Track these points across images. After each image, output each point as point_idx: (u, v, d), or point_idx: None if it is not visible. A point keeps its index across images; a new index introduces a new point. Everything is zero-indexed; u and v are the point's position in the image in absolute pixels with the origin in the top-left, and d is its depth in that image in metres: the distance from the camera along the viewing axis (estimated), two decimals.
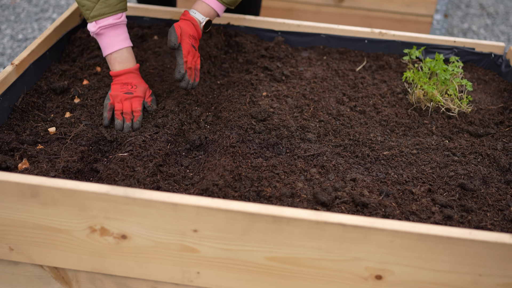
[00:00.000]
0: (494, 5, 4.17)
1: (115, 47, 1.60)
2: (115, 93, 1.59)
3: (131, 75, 1.62)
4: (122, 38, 1.62)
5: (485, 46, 2.00)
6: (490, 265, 1.09)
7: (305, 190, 1.37)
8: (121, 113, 1.58)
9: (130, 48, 1.64)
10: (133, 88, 1.60)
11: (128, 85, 1.60)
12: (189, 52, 1.58)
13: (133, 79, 1.62)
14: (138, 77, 1.64)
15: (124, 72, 1.61)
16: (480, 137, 1.66)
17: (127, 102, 1.58)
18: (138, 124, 1.57)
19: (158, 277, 1.23)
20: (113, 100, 1.59)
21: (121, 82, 1.61)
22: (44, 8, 3.73)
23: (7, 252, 1.25)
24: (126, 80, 1.61)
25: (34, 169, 1.38)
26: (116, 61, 1.62)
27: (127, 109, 1.58)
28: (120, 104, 1.58)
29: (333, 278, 1.15)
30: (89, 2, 1.56)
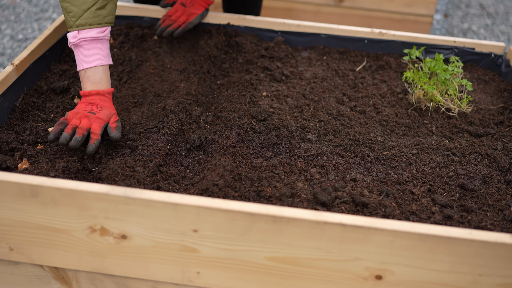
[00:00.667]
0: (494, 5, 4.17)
1: (91, 63, 1.46)
2: (76, 110, 1.42)
3: (100, 97, 1.47)
4: (101, 55, 1.48)
5: (485, 46, 2.00)
6: (490, 265, 1.09)
7: (305, 190, 1.37)
8: (73, 128, 1.37)
9: (107, 68, 1.50)
10: (97, 109, 1.43)
11: (93, 105, 1.44)
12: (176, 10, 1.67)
13: (101, 101, 1.46)
14: (107, 101, 1.48)
15: (93, 93, 1.46)
16: (480, 137, 1.66)
17: (85, 120, 1.39)
18: (93, 148, 1.36)
19: (158, 277, 1.23)
20: (70, 116, 1.41)
21: (87, 102, 1.45)
22: (44, 8, 3.73)
23: (7, 252, 1.25)
24: (93, 101, 1.45)
25: (34, 169, 1.38)
26: (89, 80, 1.47)
27: (84, 125, 1.38)
28: (77, 121, 1.39)
29: (333, 278, 1.15)
30: (76, 8, 1.44)
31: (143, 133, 1.54)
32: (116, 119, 1.47)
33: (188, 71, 1.84)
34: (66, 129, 1.37)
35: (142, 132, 1.55)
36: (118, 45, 1.98)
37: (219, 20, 2.06)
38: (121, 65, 1.87)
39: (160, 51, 1.96)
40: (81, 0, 1.43)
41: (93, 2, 1.44)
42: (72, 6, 1.44)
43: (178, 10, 1.67)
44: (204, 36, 1.99)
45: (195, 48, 1.96)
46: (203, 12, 1.71)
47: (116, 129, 1.44)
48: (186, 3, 1.66)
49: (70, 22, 1.45)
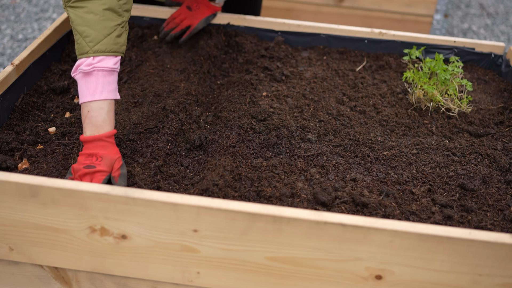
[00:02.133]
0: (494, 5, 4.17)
1: (100, 95, 1.35)
2: (76, 167, 1.34)
3: (100, 144, 1.36)
4: (112, 88, 1.37)
5: (485, 46, 2.00)
6: (490, 265, 1.09)
7: (305, 190, 1.37)
8: None
9: (113, 104, 1.39)
10: (97, 160, 1.34)
11: (93, 157, 1.34)
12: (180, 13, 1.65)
13: (101, 149, 1.36)
14: (108, 147, 1.37)
15: (92, 139, 1.35)
16: (480, 137, 1.66)
17: (86, 178, 1.33)
18: None
19: (158, 277, 1.23)
20: (74, 173, 1.35)
21: (86, 153, 1.36)
22: (44, 8, 3.73)
23: (7, 252, 1.25)
24: (93, 150, 1.35)
25: (34, 169, 1.38)
26: (91, 122, 1.35)
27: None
28: (78, 179, 1.33)
29: (333, 278, 1.15)
30: (96, 33, 1.33)
31: (143, 133, 1.54)
32: (119, 166, 1.36)
33: (188, 71, 1.84)
34: None
35: (142, 132, 1.55)
36: None
37: (219, 20, 2.06)
38: (121, 65, 1.87)
39: (160, 51, 1.96)
40: (103, 25, 1.33)
41: (114, 28, 1.35)
42: (90, 30, 1.33)
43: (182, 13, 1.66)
44: (204, 36, 1.99)
45: (195, 48, 1.96)
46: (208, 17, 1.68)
47: (120, 178, 1.34)
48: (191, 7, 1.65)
49: (86, 47, 1.33)
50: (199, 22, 1.68)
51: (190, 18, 1.64)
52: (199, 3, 1.67)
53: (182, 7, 1.68)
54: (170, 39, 1.62)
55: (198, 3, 1.66)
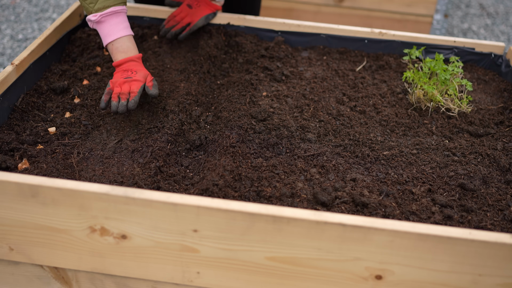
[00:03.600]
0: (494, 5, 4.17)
1: (116, 35, 1.60)
2: (115, 80, 1.59)
3: (132, 63, 1.62)
4: (123, 27, 1.61)
5: (485, 46, 2.00)
6: (490, 265, 1.09)
7: (305, 190, 1.37)
8: (118, 95, 1.55)
9: (131, 37, 1.64)
10: (133, 73, 1.59)
11: (128, 71, 1.60)
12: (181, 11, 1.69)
13: (134, 66, 1.61)
14: (139, 65, 1.63)
15: (125, 60, 1.61)
16: (480, 137, 1.66)
17: (125, 85, 1.57)
18: (133, 104, 1.52)
19: (158, 277, 1.23)
20: (112, 86, 1.58)
21: (121, 70, 1.61)
22: (44, 8, 3.73)
23: (7, 252, 1.25)
24: (127, 68, 1.61)
25: (34, 169, 1.38)
26: (118, 51, 1.61)
27: (125, 90, 1.56)
28: (118, 88, 1.56)
29: (333, 278, 1.15)
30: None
31: (143, 133, 1.54)
32: (151, 79, 1.61)
33: (188, 71, 1.84)
34: (112, 97, 1.54)
35: (142, 132, 1.55)
36: None
37: (219, 20, 2.06)
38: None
39: (160, 51, 1.96)
40: None
41: None
42: None
43: (183, 11, 1.71)
44: (204, 36, 1.99)
45: (195, 48, 1.96)
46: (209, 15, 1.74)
47: (153, 87, 1.59)
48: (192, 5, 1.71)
49: (89, 8, 1.57)
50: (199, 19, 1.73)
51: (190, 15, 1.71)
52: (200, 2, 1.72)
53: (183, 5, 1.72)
54: (170, 36, 1.68)
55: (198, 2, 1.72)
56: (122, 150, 1.49)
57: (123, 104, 1.52)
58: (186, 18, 1.71)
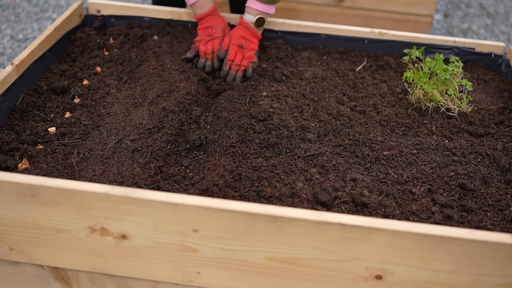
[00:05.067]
0: (494, 5, 4.17)
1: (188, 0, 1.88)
2: (200, 38, 1.90)
3: (211, 17, 1.90)
4: None
5: (485, 46, 2.00)
6: (490, 265, 1.09)
7: (305, 190, 1.37)
8: (204, 54, 1.87)
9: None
10: (213, 30, 1.89)
11: (209, 28, 1.89)
12: (236, 53, 1.84)
13: (213, 21, 1.90)
14: (216, 18, 1.91)
15: (204, 15, 1.90)
16: (480, 137, 1.66)
17: (209, 44, 1.87)
18: (217, 64, 1.86)
19: (158, 277, 1.23)
20: (198, 44, 1.89)
21: (203, 27, 1.91)
22: (44, 8, 3.73)
23: (7, 252, 1.25)
24: (207, 23, 1.90)
25: (34, 169, 1.38)
26: (196, 7, 1.90)
27: (209, 49, 1.86)
28: (204, 47, 1.87)
29: (333, 278, 1.15)
30: None
31: (143, 133, 1.54)
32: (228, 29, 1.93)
33: (188, 71, 1.84)
34: (201, 56, 1.88)
35: (142, 132, 1.55)
36: (118, 45, 1.98)
37: None
38: (121, 65, 1.87)
39: (160, 51, 1.96)
40: None
41: None
42: None
43: (237, 53, 1.83)
44: None
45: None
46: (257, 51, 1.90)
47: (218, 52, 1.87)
48: (242, 44, 1.84)
49: None
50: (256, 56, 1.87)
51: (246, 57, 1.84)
52: (248, 40, 1.85)
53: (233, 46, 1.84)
54: (239, 80, 1.82)
55: (247, 40, 1.85)
56: (122, 150, 1.49)
57: (209, 64, 1.86)
58: (244, 61, 1.83)
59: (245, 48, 1.84)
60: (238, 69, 1.83)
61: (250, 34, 1.86)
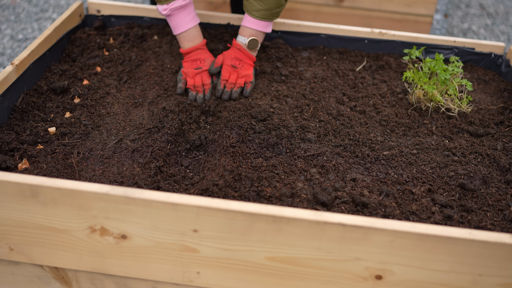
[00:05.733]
0: (494, 5, 4.17)
1: (184, 27, 1.76)
2: (186, 70, 1.78)
3: (199, 51, 1.80)
4: (190, 18, 1.75)
5: (485, 46, 2.00)
6: (490, 265, 1.09)
7: (305, 190, 1.37)
8: (193, 87, 1.75)
9: (197, 26, 1.79)
10: (201, 63, 1.79)
11: (197, 61, 1.79)
12: (230, 73, 1.77)
13: (201, 55, 1.80)
14: (205, 52, 1.82)
15: (192, 49, 1.79)
16: (480, 137, 1.66)
17: (197, 77, 1.77)
18: (209, 95, 1.74)
19: (158, 277, 1.23)
20: (185, 76, 1.77)
21: (190, 59, 1.79)
22: (44, 8, 3.73)
23: (7, 252, 1.25)
24: (195, 57, 1.79)
25: (34, 169, 1.38)
26: (185, 40, 1.78)
27: (198, 83, 1.75)
28: (192, 80, 1.76)
29: (333, 278, 1.15)
30: None
31: (143, 133, 1.54)
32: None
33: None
34: (190, 88, 1.75)
35: (142, 132, 1.55)
36: (118, 45, 1.98)
37: (219, 20, 2.06)
38: (121, 65, 1.87)
39: (160, 51, 1.96)
40: None
41: None
42: None
43: (231, 73, 1.77)
44: (204, 36, 1.98)
45: None
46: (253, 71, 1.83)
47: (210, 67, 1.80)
48: (236, 65, 1.78)
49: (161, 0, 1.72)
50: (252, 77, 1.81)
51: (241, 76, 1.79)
52: (241, 61, 1.80)
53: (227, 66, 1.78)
54: (236, 96, 1.75)
55: (240, 61, 1.80)
56: (122, 150, 1.49)
57: (200, 97, 1.73)
58: (239, 80, 1.77)
59: (238, 68, 1.78)
60: (233, 87, 1.75)
61: (243, 55, 1.80)
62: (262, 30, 1.78)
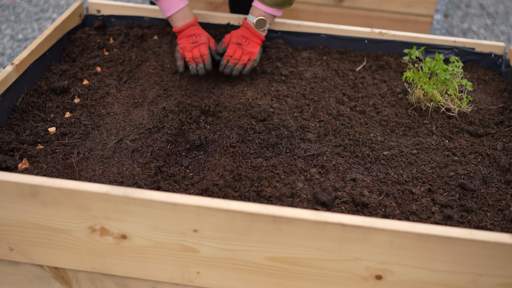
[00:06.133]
0: (494, 5, 4.17)
1: (175, 8, 1.79)
2: (183, 46, 1.81)
3: (193, 27, 1.83)
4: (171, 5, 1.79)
5: (485, 46, 2.00)
6: (490, 265, 1.09)
7: (305, 190, 1.37)
8: (193, 59, 1.77)
9: (188, 4, 1.83)
10: (197, 37, 1.82)
11: (192, 36, 1.82)
12: (235, 50, 1.80)
13: (196, 30, 1.83)
14: (199, 28, 1.85)
15: (186, 26, 1.82)
16: (480, 137, 1.66)
17: (195, 50, 1.79)
18: (209, 65, 1.76)
19: (158, 277, 1.23)
20: (182, 51, 1.80)
21: (186, 36, 1.82)
22: (44, 8, 3.73)
23: (7, 252, 1.25)
24: (190, 32, 1.82)
25: (34, 169, 1.38)
26: (177, 19, 1.81)
27: (196, 54, 1.78)
28: (189, 53, 1.79)
29: (333, 278, 1.15)
30: None
31: (143, 133, 1.54)
32: (213, 41, 1.88)
33: (188, 71, 1.84)
34: (189, 62, 1.77)
35: (142, 132, 1.55)
36: (118, 45, 1.98)
37: (219, 20, 2.06)
38: (121, 65, 1.87)
39: (160, 51, 1.96)
40: None
41: None
42: None
43: (236, 50, 1.81)
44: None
45: None
46: (260, 49, 1.86)
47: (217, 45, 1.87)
48: (242, 42, 1.82)
49: None
50: (257, 55, 1.84)
51: (246, 53, 1.82)
52: (248, 39, 1.83)
53: (232, 44, 1.82)
54: (237, 73, 1.78)
55: (246, 39, 1.83)
56: (122, 150, 1.49)
57: (201, 67, 1.75)
58: (244, 56, 1.80)
59: (243, 45, 1.82)
60: (236, 63, 1.79)
61: (250, 34, 1.84)
62: (272, 13, 1.82)
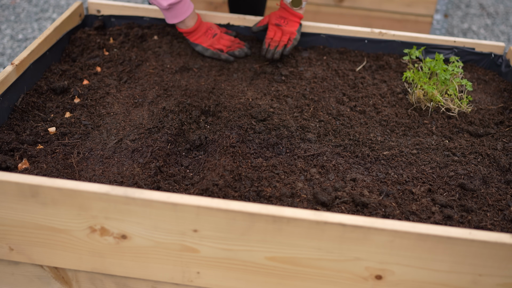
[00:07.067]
0: (494, 5, 4.17)
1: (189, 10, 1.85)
2: (209, 42, 1.91)
3: (202, 23, 1.92)
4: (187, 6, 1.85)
5: (485, 46, 2.00)
6: (490, 265, 1.09)
7: (305, 190, 1.37)
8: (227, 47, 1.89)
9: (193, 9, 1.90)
10: (212, 30, 1.93)
11: (208, 31, 1.92)
12: (275, 32, 1.87)
13: (205, 24, 1.92)
14: (205, 22, 1.94)
15: (198, 23, 1.90)
16: (480, 137, 1.66)
17: (221, 41, 1.92)
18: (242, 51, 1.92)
19: (158, 277, 1.23)
20: (212, 46, 1.89)
21: (202, 33, 1.91)
22: (44, 8, 3.73)
23: (7, 252, 1.25)
24: (204, 29, 1.92)
25: (34, 169, 1.38)
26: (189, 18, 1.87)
27: (227, 43, 1.92)
28: (219, 45, 1.91)
29: (333, 278, 1.15)
30: None
31: (143, 133, 1.54)
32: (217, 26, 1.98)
33: (188, 71, 1.84)
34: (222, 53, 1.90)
35: (142, 132, 1.55)
36: (118, 45, 1.98)
37: (219, 20, 2.06)
38: (121, 65, 1.87)
39: (160, 51, 1.96)
40: None
41: None
42: None
43: (276, 31, 1.87)
44: None
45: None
46: (299, 27, 1.92)
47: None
48: (280, 23, 1.87)
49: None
50: (296, 34, 1.90)
51: (286, 33, 1.87)
52: (286, 18, 1.88)
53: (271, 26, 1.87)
54: (279, 56, 1.85)
55: (285, 19, 1.88)
56: (122, 150, 1.49)
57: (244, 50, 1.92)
58: (284, 37, 1.87)
59: (282, 26, 1.86)
60: (277, 45, 1.84)
61: (288, 13, 1.88)
62: None
